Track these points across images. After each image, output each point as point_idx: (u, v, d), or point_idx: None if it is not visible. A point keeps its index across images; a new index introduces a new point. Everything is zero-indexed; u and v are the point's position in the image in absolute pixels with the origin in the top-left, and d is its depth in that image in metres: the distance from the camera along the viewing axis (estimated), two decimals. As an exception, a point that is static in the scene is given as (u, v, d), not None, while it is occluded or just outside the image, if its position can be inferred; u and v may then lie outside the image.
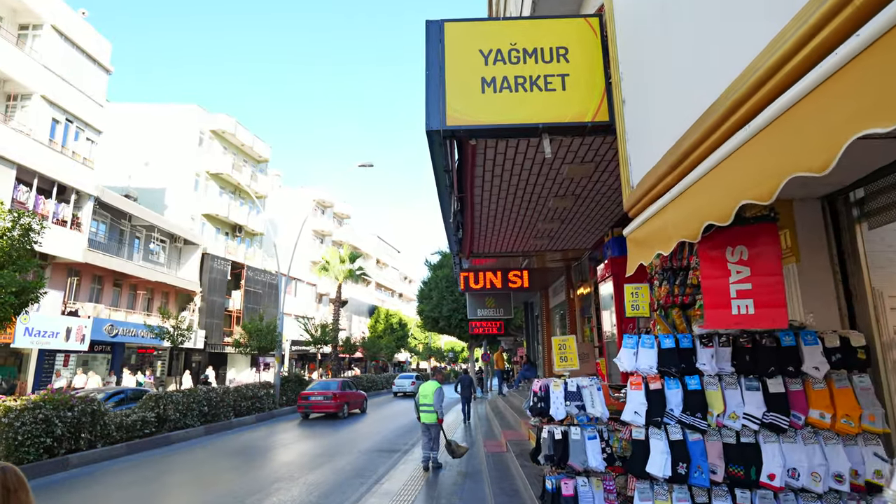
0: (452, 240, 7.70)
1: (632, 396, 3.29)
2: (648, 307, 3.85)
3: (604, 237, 7.15)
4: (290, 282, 39.83)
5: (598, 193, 5.72)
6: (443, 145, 4.23)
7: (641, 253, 3.37)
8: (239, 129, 35.27)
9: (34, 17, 19.69)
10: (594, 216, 6.40)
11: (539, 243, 7.85)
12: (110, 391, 13.39)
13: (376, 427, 15.99)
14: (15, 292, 8.60)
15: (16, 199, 18.26)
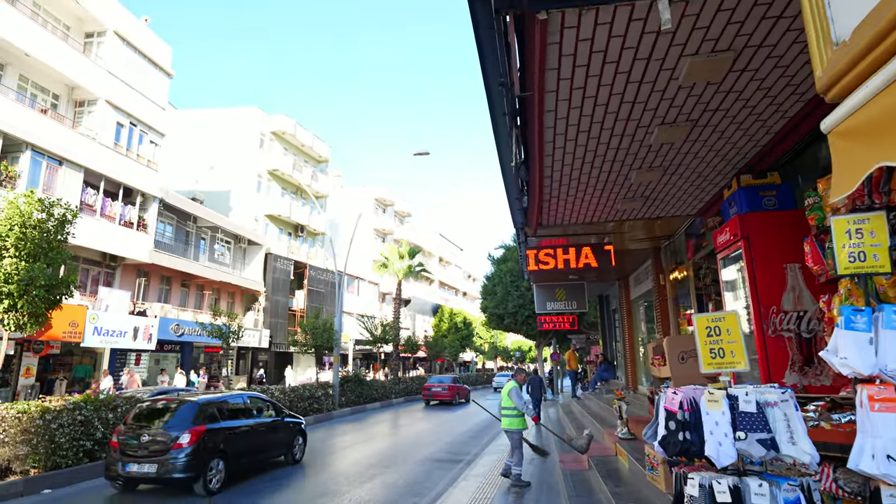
0: (515, 209, 6.25)
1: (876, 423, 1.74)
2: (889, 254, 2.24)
3: (720, 192, 5.42)
4: (351, 281, 39.66)
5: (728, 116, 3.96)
6: (497, 28, 2.80)
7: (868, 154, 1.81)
8: (298, 129, 35.38)
9: (98, 25, 20.09)
10: (713, 159, 4.63)
11: (630, 207, 6.17)
12: (153, 392, 12.88)
13: (454, 424, 14.76)
14: (45, 286, 8.03)
15: (84, 201, 18.61)
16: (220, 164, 32.64)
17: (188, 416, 8.08)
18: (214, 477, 7.99)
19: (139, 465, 7.59)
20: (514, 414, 8.14)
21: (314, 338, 19.39)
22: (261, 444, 9.43)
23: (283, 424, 10.18)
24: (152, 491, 8.16)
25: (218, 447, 8.14)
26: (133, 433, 7.86)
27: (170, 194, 23.45)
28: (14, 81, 17.55)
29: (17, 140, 16.26)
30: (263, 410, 9.96)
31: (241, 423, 9.06)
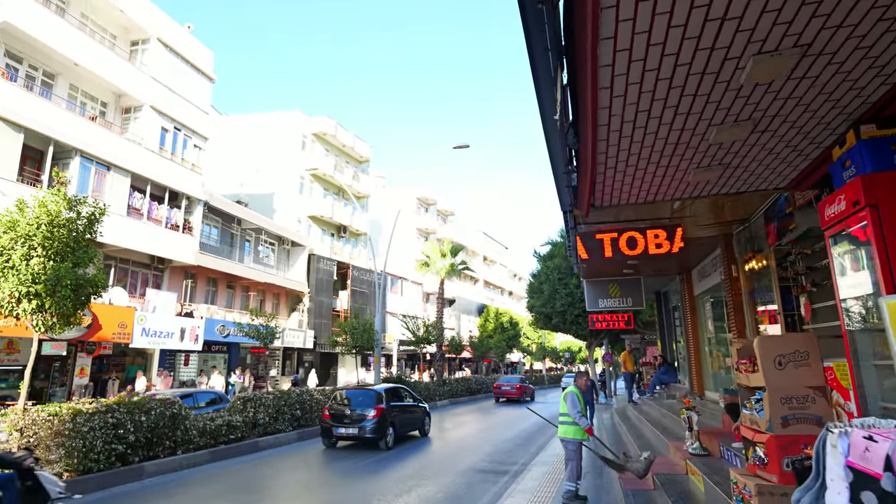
0: (563, 186, 5.37)
1: None
2: None
3: (824, 155, 4.34)
4: (395, 281, 39.35)
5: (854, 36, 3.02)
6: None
7: None
8: (339, 130, 35.38)
9: (143, 33, 20.45)
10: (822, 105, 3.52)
11: (703, 179, 5.10)
12: (179, 393, 12.63)
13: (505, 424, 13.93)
14: (72, 286, 7.76)
15: (131, 205, 18.92)
16: (265, 167, 33.03)
17: (374, 399, 12.39)
18: (390, 438, 12.18)
19: (346, 429, 11.87)
20: (570, 421, 7.27)
21: (354, 338, 18.95)
22: (410, 420, 13.70)
23: (419, 407, 14.40)
24: (351, 447, 12.31)
25: (391, 420, 12.35)
26: (340, 409, 12.18)
27: (214, 197, 23.70)
28: (65, 90, 18.00)
29: (67, 146, 16.61)
30: (407, 397, 14.10)
31: (400, 405, 13.28)
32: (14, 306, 7.59)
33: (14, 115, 14.87)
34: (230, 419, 11.23)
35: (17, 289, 7.46)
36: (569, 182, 5.19)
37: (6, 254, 7.60)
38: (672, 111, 3.75)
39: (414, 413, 13.86)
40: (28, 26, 15.68)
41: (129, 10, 19.42)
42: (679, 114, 3.78)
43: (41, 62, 17.16)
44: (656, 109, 3.72)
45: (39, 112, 15.75)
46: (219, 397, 13.01)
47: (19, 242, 7.70)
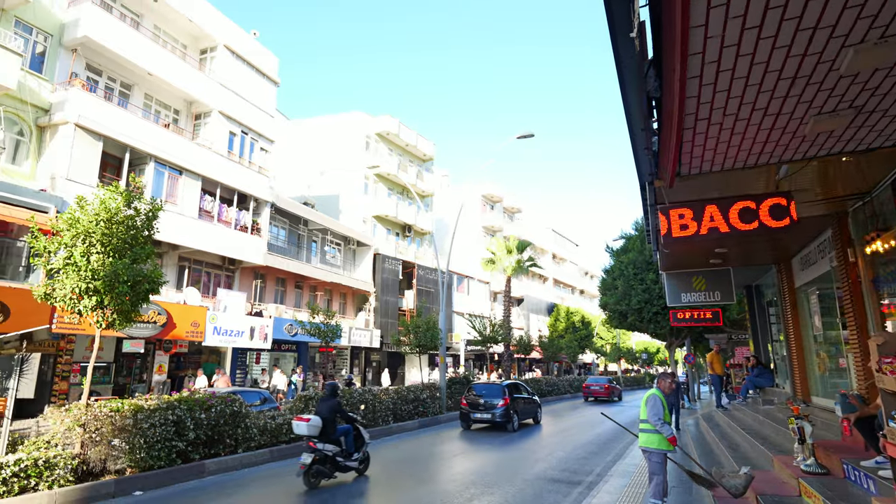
0: (641, 148, 4.44)
1: None
2: None
3: None
4: (461, 280, 38.82)
5: None
6: None
7: None
8: (402, 129, 35.34)
9: (211, 41, 21.16)
10: None
11: (825, 129, 3.95)
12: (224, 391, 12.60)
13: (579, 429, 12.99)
14: (129, 283, 7.72)
15: (202, 207, 19.57)
16: (330, 169, 33.59)
17: (501, 391, 15.28)
18: (515, 423, 15.16)
19: (481, 414, 14.90)
20: (652, 429, 6.30)
21: (418, 337, 18.53)
22: (527, 410, 16.52)
23: (534, 400, 17.23)
24: (483, 429, 15.05)
25: (515, 408, 15.34)
26: (475, 399, 15.06)
27: (280, 198, 24.19)
28: (140, 100, 18.89)
29: (142, 153, 17.36)
30: (524, 392, 16.86)
31: (520, 397, 16.16)
32: (76, 303, 7.63)
33: (93, 125, 15.66)
34: (290, 418, 11.04)
35: (78, 285, 7.49)
36: (648, 143, 4.28)
37: (68, 251, 7.66)
38: (792, 27, 2.80)
39: (530, 405, 16.78)
40: (106, 40, 16.50)
41: (197, 19, 20.13)
42: (802, 29, 2.82)
43: (119, 74, 18.07)
44: (770, 26, 2.79)
45: (117, 121, 16.53)
46: (265, 398, 12.90)
47: (80, 239, 7.75)
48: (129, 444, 7.93)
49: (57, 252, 7.64)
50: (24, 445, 7.16)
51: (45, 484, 6.84)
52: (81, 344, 16.05)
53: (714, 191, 6.46)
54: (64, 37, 16.24)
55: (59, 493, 6.89)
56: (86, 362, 16.23)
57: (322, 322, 16.00)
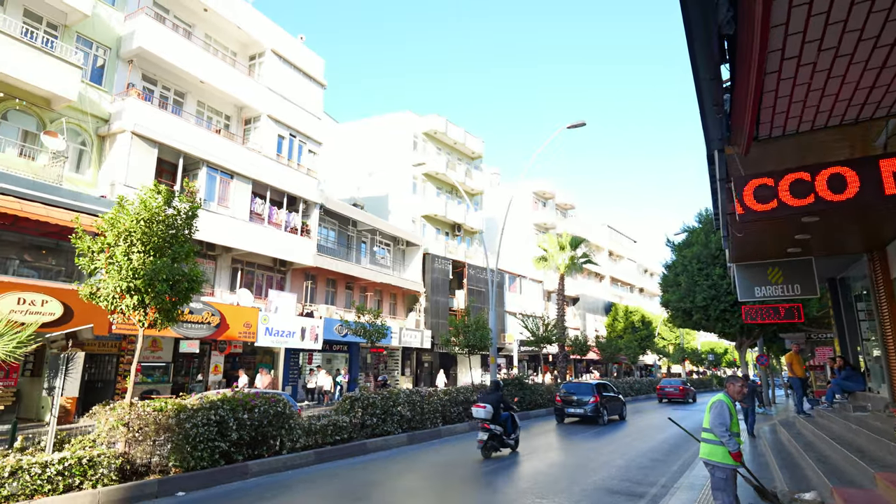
0: (710, 108, 3.69)
1: None
2: None
3: None
4: (513, 279, 37.97)
5: None
6: None
7: None
8: (450, 127, 34.96)
9: (259, 47, 21.54)
10: None
11: None
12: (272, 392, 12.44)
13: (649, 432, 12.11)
14: (169, 281, 7.63)
15: (253, 210, 19.89)
16: (378, 169, 33.68)
17: (592, 389, 17.29)
18: (605, 417, 17.05)
19: (574, 409, 16.89)
20: (710, 439, 5.47)
21: (467, 337, 18.00)
22: (615, 407, 18.17)
23: (619, 399, 18.86)
24: (575, 423, 16.75)
25: (604, 404, 17.07)
26: (568, 396, 16.57)
27: (329, 200, 24.33)
28: (193, 107, 19.42)
29: (195, 158, 17.79)
30: (611, 391, 18.60)
31: (608, 395, 17.91)
32: (118, 302, 7.62)
33: (149, 132, 16.15)
34: (336, 419, 10.79)
35: (119, 284, 7.46)
36: (718, 98, 3.55)
37: (110, 250, 7.66)
38: None
39: (616, 402, 18.39)
40: (160, 50, 17.01)
41: (246, 26, 20.51)
42: None
43: (173, 82, 18.64)
44: None
45: (170, 128, 17.01)
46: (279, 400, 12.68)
47: (121, 238, 7.74)
48: (172, 443, 7.85)
49: (100, 252, 7.65)
50: (71, 444, 7.19)
51: (90, 483, 6.81)
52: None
53: (790, 161, 5.54)
54: (121, 49, 16.88)
55: (102, 492, 6.84)
56: (147, 362, 16.78)
57: (368, 322, 15.75)
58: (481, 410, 10.77)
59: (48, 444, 7.00)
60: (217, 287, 19.34)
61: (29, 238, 14.00)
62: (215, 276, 19.46)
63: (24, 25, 14.32)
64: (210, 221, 17.84)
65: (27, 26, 14.44)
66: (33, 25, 14.76)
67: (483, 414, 10.74)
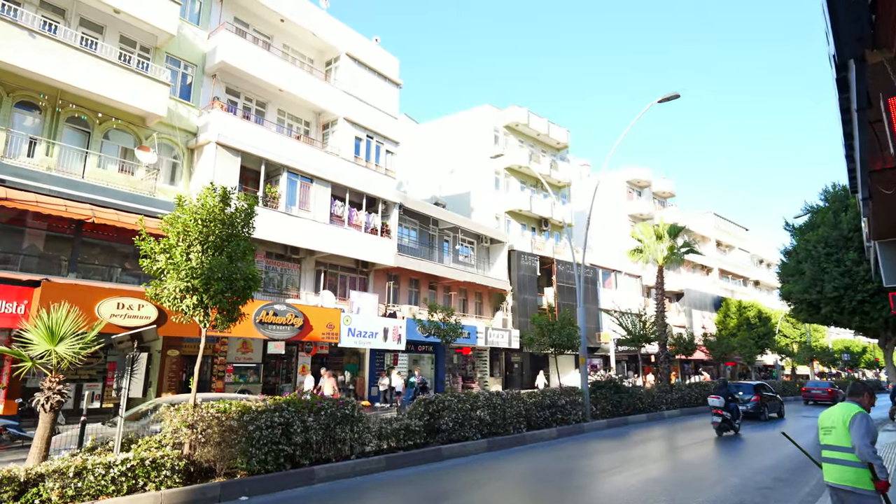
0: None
1: None
2: None
3: None
4: (607, 274, 35.76)
5: None
6: None
7: None
8: (532, 118, 33.65)
9: (334, 52, 21.84)
10: None
11: None
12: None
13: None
14: (224, 279, 7.44)
15: (333, 212, 20.10)
16: (459, 167, 33.17)
17: (753, 389, 19.14)
18: (767, 414, 18.98)
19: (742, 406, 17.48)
20: (852, 461, 4.14)
21: (551, 336, 16.76)
22: (773, 405, 19.65)
23: (777, 398, 20.40)
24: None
25: (765, 403, 18.95)
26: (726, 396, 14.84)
27: (408, 199, 24.13)
28: (274, 115, 20.04)
29: (276, 164, 18.27)
30: (769, 391, 20.15)
31: (767, 394, 19.54)
32: (179, 302, 7.55)
33: (231, 142, 16.75)
34: (409, 423, 10.20)
35: (178, 284, 7.38)
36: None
37: (171, 251, 7.62)
38: None
39: (775, 401, 19.98)
40: (240, 62, 17.66)
41: (321, 32, 20.84)
42: None
43: (254, 93, 19.33)
44: None
45: (252, 136, 17.56)
46: None
47: (181, 238, 7.68)
48: (236, 446, 7.65)
49: (161, 252, 7.64)
50: (138, 444, 7.18)
51: (153, 484, 6.72)
52: (233, 346, 17.24)
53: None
54: (205, 65, 17.74)
55: (165, 494, 6.72)
56: (239, 363, 17.41)
57: (440, 320, 15.09)
58: (716, 400, 14.13)
59: (115, 445, 7.03)
60: (302, 290, 19.75)
61: (129, 247, 14.96)
62: (300, 279, 19.89)
63: (120, 50, 15.40)
64: (292, 225, 18.23)
65: (123, 51, 15.52)
66: (128, 50, 15.85)
67: (717, 403, 14.09)
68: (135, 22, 15.45)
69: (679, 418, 18.25)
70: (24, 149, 13.60)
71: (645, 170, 43.74)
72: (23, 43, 12.92)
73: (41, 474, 5.99)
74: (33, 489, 5.89)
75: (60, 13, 14.67)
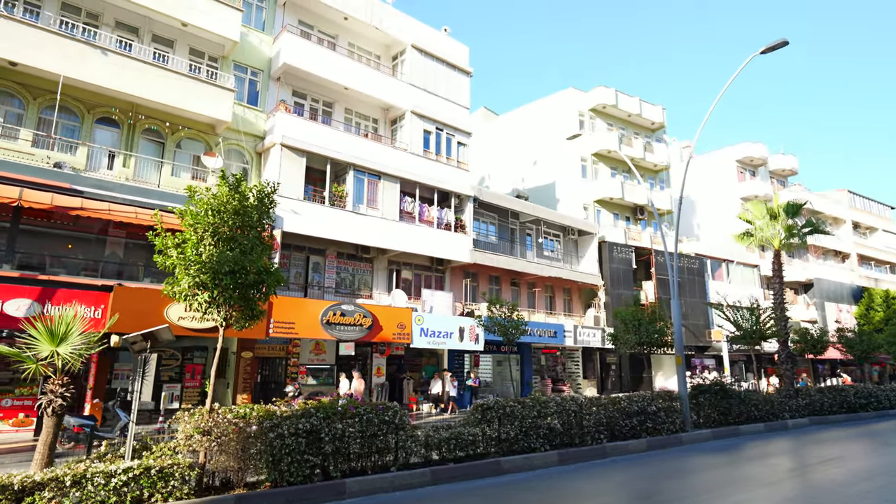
0: None
1: None
2: None
3: None
4: (717, 265, 31.96)
5: None
6: None
7: None
8: (621, 98, 30.94)
9: (400, 46, 21.30)
10: None
11: None
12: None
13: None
14: (231, 272, 6.80)
15: (403, 209, 19.48)
16: (542, 157, 31.35)
17: None
18: None
19: None
20: None
21: (638, 333, 14.63)
22: None
23: None
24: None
25: None
26: None
27: (483, 192, 22.92)
28: (341, 115, 19.87)
29: (342, 162, 18.00)
30: None
31: None
32: (192, 300, 7.06)
33: (295, 142, 16.68)
34: (461, 431, 9.03)
35: (188, 280, 6.87)
36: None
37: (183, 245, 7.15)
38: None
39: None
40: (302, 63, 17.62)
41: (384, 26, 20.39)
42: None
43: (320, 94, 19.27)
44: None
45: (316, 136, 17.40)
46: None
47: (193, 231, 7.20)
48: (256, 456, 6.99)
49: (175, 247, 7.19)
50: (152, 451, 6.75)
51: (160, 496, 6.21)
52: (306, 347, 17.16)
53: None
54: (271, 70, 17.94)
55: (174, 506, 6.18)
56: (311, 364, 17.28)
57: (501, 315, 13.68)
58: None
59: (127, 452, 6.64)
60: (375, 289, 19.32)
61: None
62: (372, 279, 19.48)
63: (189, 62, 15.93)
64: (360, 224, 17.84)
65: (192, 62, 16.04)
66: (197, 61, 16.37)
67: None
68: (201, 33, 15.90)
69: (807, 429, 15.17)
70: (104, 162, 14.41)
71: (758, 146, 38.71)
72: (99, 62, 13.65)
73: (38, 483, 5.65)
74: (28, 499, 5.56)
75: (134, 31, 15.44)
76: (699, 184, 40.23)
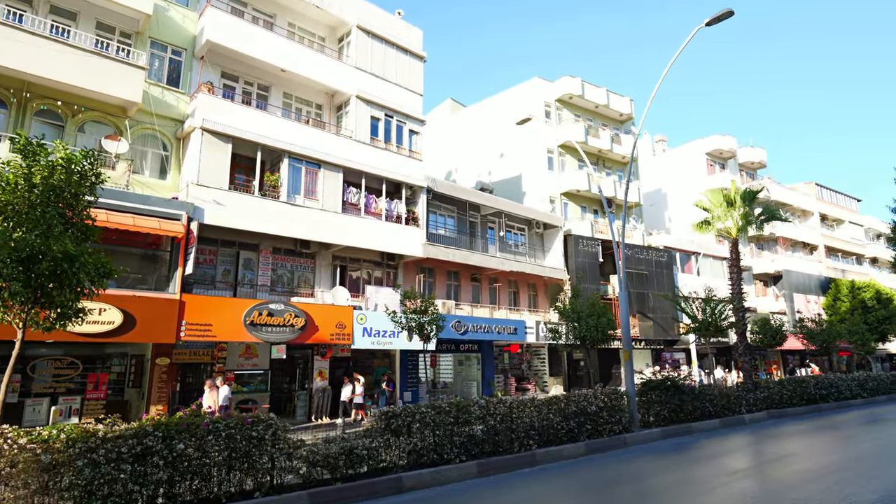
0: None
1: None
2: None
3: None
4: (685, 258, 31.17)
5: None
6: None
7: None
8: (587, 88, 29.98)
9: (345, 27, 20.01)
10: None
11: None
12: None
13: None
14: (18, 260, 5.46)
15: (346, 200, 18.20)
16: (509, 149, 30.26)
17: None
18: None
19: None
20: None
21: (578, 327, 13.55)
22: None
23: None
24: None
25: None
26: None
27: (438, 183, 21.70)
28: (279, 99, 18.50)
29: (275, 150, 16.64)
30: None
31: None
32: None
33: (219, 127, 15.27)
34: (354, 444, 7.78)
35: (-8, 271, 5.54)
36: None
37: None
38: None
39: None
40: (230, 41, 16.21)
41: (325, 5, 19.04)
42: None
43: (254, 76, 17.88)
44: None
45: (244, 121, 16.02)
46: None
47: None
48: (64, 490, 5.62)
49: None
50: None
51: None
52: (235, 351, 15.77)
53: None
54: (195, 49, 16.54)
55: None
56: (242, 369, 15.89)
57: (411, 311, 12.42)
58: None
59: None
60: (317, 287, 17.99)
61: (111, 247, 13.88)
62: (315, 276, 18.14)
63: (96, 37, 14.44)
64: (296, 216, 16.52)
65: (100, 38, 14.54)
66: (106, 36, 14.89)
67: None
68: (109, 5, 14.45)
69: (764, 423, 14.17)
70: (-11, 146, 12.89)
71: (727, 138, 38.08)
72: (-18, 34, 12.16)
73: None
74: None
75: (28, 1, 13.94)
76: (670, 177, 39.56)
